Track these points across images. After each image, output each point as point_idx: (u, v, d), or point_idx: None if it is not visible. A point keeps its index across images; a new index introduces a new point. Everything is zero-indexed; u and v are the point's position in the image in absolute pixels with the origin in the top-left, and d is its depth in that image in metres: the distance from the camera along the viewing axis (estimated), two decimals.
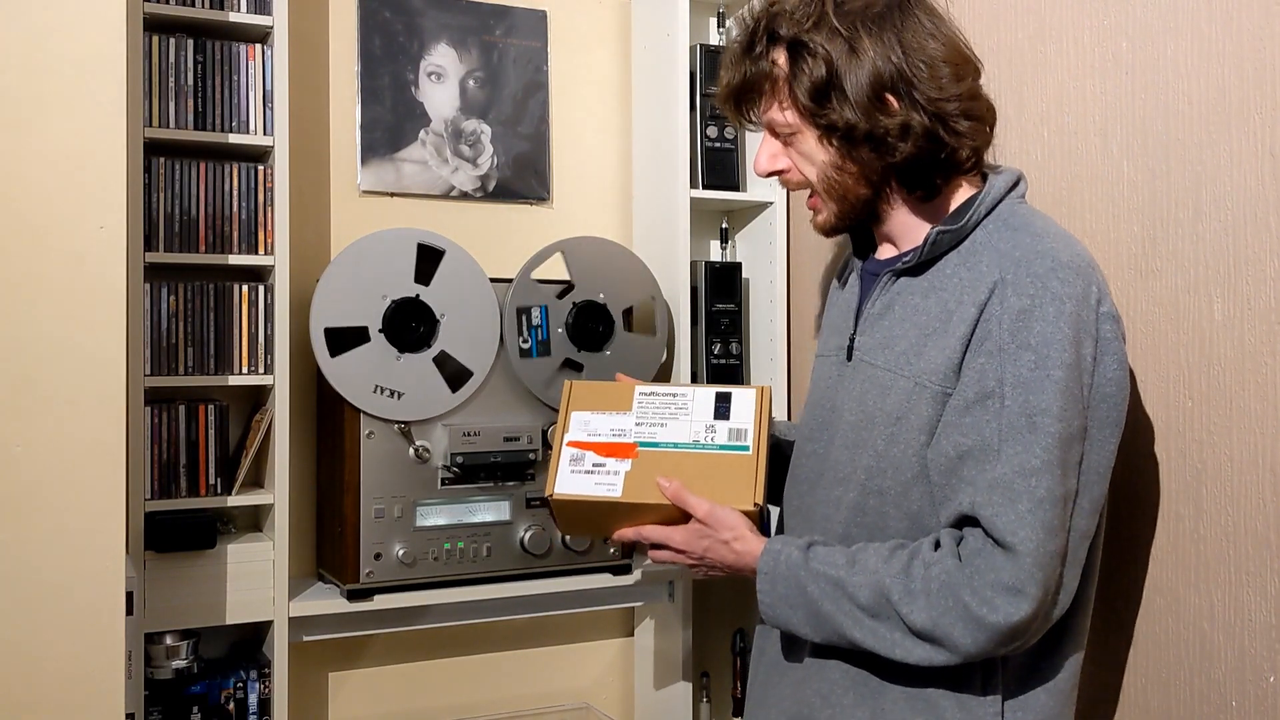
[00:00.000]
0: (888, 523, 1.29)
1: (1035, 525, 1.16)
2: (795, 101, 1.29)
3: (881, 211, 1.35)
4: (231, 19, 1.92)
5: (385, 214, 2.19)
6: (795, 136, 1.32)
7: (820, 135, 1.29)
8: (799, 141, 1.32)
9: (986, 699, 1.24)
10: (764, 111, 1.34)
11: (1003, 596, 1.16)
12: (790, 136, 1.33)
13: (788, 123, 1.32)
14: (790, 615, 1.29)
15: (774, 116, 1.33)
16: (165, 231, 1.89)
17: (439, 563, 1.98)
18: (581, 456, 1.47)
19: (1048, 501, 1.16)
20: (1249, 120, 1.34)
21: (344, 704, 2.16)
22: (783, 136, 1.34)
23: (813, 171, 1.33)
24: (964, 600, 1.17)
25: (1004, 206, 1.30)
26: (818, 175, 1.33)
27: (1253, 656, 1.33)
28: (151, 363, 1.87)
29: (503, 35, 2.30)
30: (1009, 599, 1.15)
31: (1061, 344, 1.18)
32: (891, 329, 1.31)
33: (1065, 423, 1.18)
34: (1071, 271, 1.21)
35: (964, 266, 1.27)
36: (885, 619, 1.22)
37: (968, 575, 1.17)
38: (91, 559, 1.46)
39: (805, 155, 1.33)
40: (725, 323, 2.27)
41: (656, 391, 1.50)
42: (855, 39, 1.25)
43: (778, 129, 1.34)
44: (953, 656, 1.19)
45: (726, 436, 1.44)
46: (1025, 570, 1.15)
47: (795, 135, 1.32)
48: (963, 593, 1.17)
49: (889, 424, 1.28)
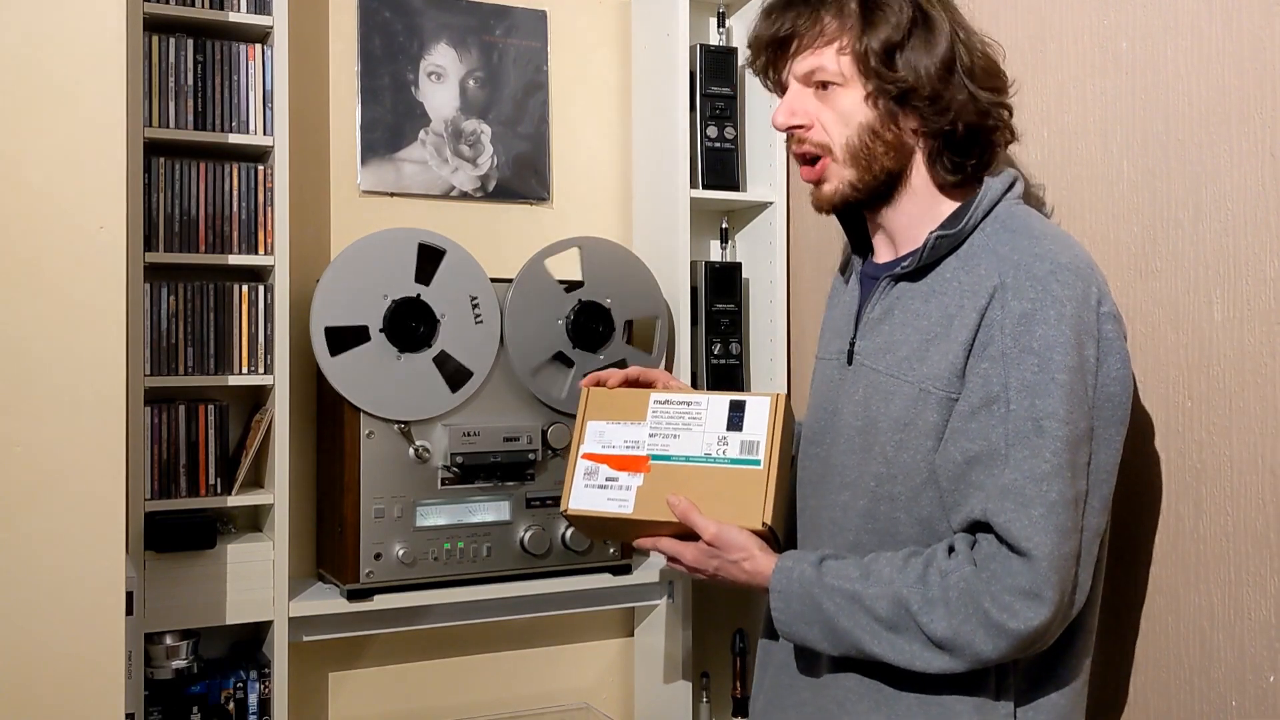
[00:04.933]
0: (899, 528, 1.28)
1: (1049, 530, 1.15)
2: (858, 53, 1.26)
3: (895, 195, 1.33)
4: (231, 19, 1.92)
5: (385, 214, 2.19)
6: (836, 91, 1.28)
7: (870, 94, 1.27)
8: (838, 97, 1.28)
9: (1000, 703, 1.24)
10: (809, 55, 1.29)
11: (1022, 602, 1.15)
12: (829, 90, 1.29)
13: (840, 72, 1.28)
14: (806, 631, 1.28)
15: (823, 64, 1.28)
16: (165, 231, 1.89)
17: (439, 563, 1.98)
18: (595, 470, 1.47)
19: (1060, 505, 1.16)
20: (1249, 120, 1.34)
21: (344, 704, 2.16)
22: (817, 89, 1.30)
23: (843, 132, 1.29)
24: (984, 607, 1.16)
25: (1001, 208, 1.29)
26: (848, 136, 1.29)
27: (1253, 656, 1.33)
28: (151, 363, 1.87)
29: (503, 35, 2.30)
30: (1028, 604, 1.15)
31: (1064, 347, 1.18)
32: (892, 334, 1.31)
33: (1072, 425, 1.18)
34: (1071, 273, 1.21)
35: (963, 270, 1.27)
36: (904, 631, 1.21)
37: (985, 581, 1.17)
38: (91, 559, 1.46)
39: (840, 113, 1.29)
40: (725, 323, 2.27)
41: (671, 400, 1.49)
42: (930, 8, 1.28)
43: (822, 77, 1.29)
44: (972, 663, 1.19)
45: (738, 450, 1.41)
46: (1042, 575, 1.15)
47: (838, 90, 1.28)
48: (983, 600, 1.17)
49: (896, 430, 1.27)
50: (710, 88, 2.27)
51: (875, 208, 1.36)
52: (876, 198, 1.34)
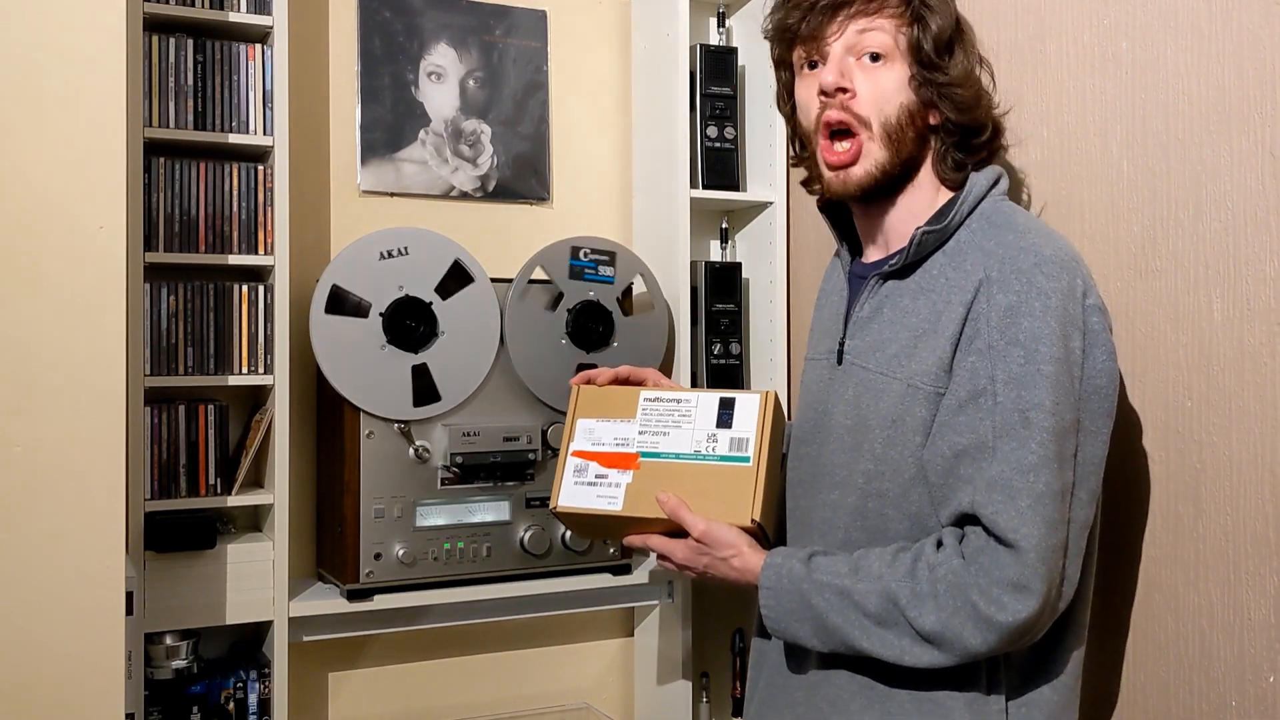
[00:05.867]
0: (889, 525, 1.29)
1: (1037, 521, 1.16)
2: (913, 35, 1.29)
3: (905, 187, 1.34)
4: (231, 19, 1.92)
5: (385, 214, 2.19)
6: (885, 65, 1.30)
7: (914, 76, 1.30)
8: (885, 72, 1.30)
9: (991, 698, 1.25)
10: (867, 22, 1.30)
11: (1010, 595, 1.16)
12: (878, 64, 1.30)
13: (894, 47, 1.30)
14: (797, 628, 1.28)
15: (881, 37, 1.30)
16: (165, 231, 1.89)
17: (439, 563, 1.98)
18: (585, 467, 1.47)
19: (1047, 496, 1.17)
20: (1249, 120, 1.34)
21: (344, 704, 2.16)
22: (864, 60, 1.31)
23: (883, 108, 1.30)
24: (972, 600, 1.17)
25: (986, 204, 1.31)
26: (888, 113, 1.30)
27: (1252, 656, 1.33)
28: (151, 363, 1.87)
29: (503, 35, 2.30)
30: (1016, 597, 1.16)
31: (1050, 339, 1.19)
32: (881, 332, 1.32)
33: (1058, 417, 1.18)
34: (1056, 266, 1.22)
35: (950, 267, 1.28)
36: (893, 626, 1.21)
37: (974, 574, 1.18)
38: (91, 559, 1.46)
39: (884, 89, 1.30)
40: (725, 323, 2.27)
41: (661, 397, 1.49)
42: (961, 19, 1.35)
43: (875, 48, 1.30)
44: (961, 657, 1.19)
45: (728, 447, 1.42)
46: (1030, 566, 1.16)
47: (886, 64, 1.30)
48: (971, 593, 1.17)
49: (885, 427, 1.28)
50: (710, 88, 2.27)
51: (883, 200, 1.36)
52: (891, 188, 1.34)
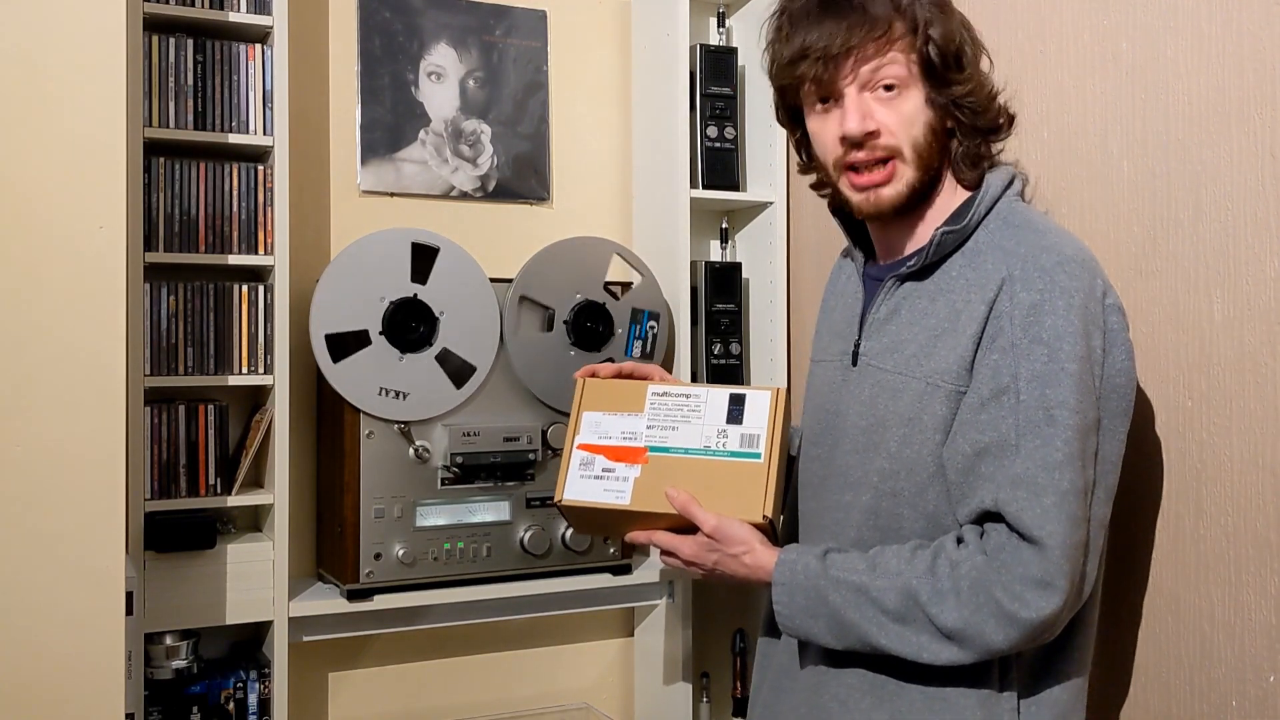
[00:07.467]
0: (903, 524, 1.28)
1: (1061, 518, 1.16)
2: (924, 55, 1.28)
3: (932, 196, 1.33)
4: (231, 19, 1.92)
5: (385, 214, 2.19)
6: (901, 94, 1.29)
7: (928, 96, 1.29)
8: (900, 102, 1.29)
9: (1004, 695, 1.24)
10: (877, 60, 1.29)
11: (1033, 591, 1.16)
12: (894, 93, 1.29)
13: (909, 75, 1.29)
14: (811, 625, 1.27)
15: (894, 69, 1.28)
16: (165, 231, 1.89)
17: (439, 563, 1.98)
18: (591, 460, 1.45)
19: (1071, 494, 1.17)
20: (1249, 120, 1.34)
21: (344, 704, 2.16)
22: (880, 93, 1.29)
23: (910, 133, 1.29)
24: (996, 597, 1.17)
25: (1002, 205, 1.30)
26: (915, 137, 1.29)
27: (1253, 656, 1.33)
28: (151, 363, 1.87)
29: (503, 35, 2.30)
30: (1040, 593, 1.16)
31: (1073, 337, 1.19)
32: (899, 333, 1.31)
33: (1081, 414, 1.18)
34: (1077, 265, 1.22)
35: (969, 267, 1.27)
36: (912, 622, 1.21)
37: (997, 571, 1.17)
38: (91, 559, 1.46)
39: (906, 116, 1.29)
40: (725, 323, 2.27)
41: (669, 392, 1.47)
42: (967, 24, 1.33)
43: (890, 81, 1.29)
44: (982, 654, 1.19)
45: (739, 443, 1.40)
46: (1054, 563, 1.16)
47: (902, 93, 1.29)
48: (994, 590, 1.17)
49: (901, 426, 1.27)
50: (710, 88, 2.27)
51: (914, 209, 1.34)
52: (918, 200, 1.33)
